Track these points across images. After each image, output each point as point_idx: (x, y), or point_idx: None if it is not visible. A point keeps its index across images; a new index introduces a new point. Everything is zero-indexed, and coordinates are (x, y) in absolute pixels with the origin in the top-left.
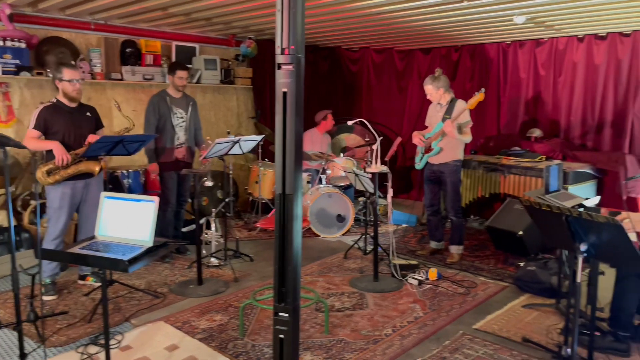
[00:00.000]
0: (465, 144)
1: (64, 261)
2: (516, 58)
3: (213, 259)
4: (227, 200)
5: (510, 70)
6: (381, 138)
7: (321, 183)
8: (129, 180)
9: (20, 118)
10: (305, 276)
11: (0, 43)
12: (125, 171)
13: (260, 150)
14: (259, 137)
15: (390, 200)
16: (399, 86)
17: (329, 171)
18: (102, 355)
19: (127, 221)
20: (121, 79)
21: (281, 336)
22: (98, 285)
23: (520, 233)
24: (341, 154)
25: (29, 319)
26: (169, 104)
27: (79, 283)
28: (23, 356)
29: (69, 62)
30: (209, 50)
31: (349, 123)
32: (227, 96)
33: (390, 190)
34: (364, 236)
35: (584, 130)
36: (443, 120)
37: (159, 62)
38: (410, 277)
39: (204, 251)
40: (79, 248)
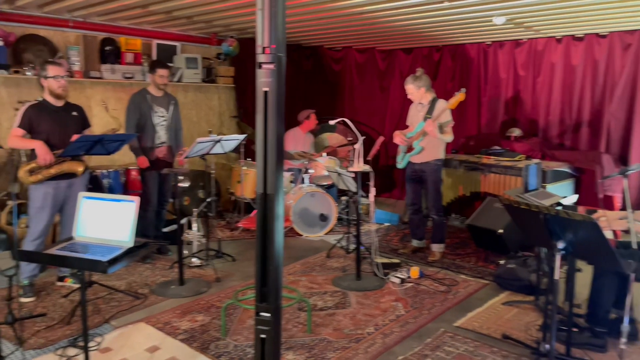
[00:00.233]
0: (447, 143)
1: (42, 262)
2: (496, 58)
3: (195, 259)
4: (209, 200)
5: (491, 71)
6: (363, 137)
7: (304, 182)
8: (109, 180)
9: None
10: (288, 275)
11: None
12: (105, 171)
13: (242, 150)
14: (241, 137)
15: (372, 199)
16: (381, 86)
17: (311, 170)
18: (82, 357)
19: (107, 222)
20: (100, 78)
21: (263, 336)
22: (77, 287)
23: (501, 231)
24: (324, 154)
25: (7, 321)
26: (150, 102)
27: (58, 284)
28: (1, 359)
29: (55, 60)
30: (190, 49)
31: (332, 122)
32: (209, 95)
33: (372, 190)
34: (346, 235)
35: (562, 129)
36: (424, 119)
37: (140, 61)
38: (392, 276)
39: (186, 251)
40: (57, 249)
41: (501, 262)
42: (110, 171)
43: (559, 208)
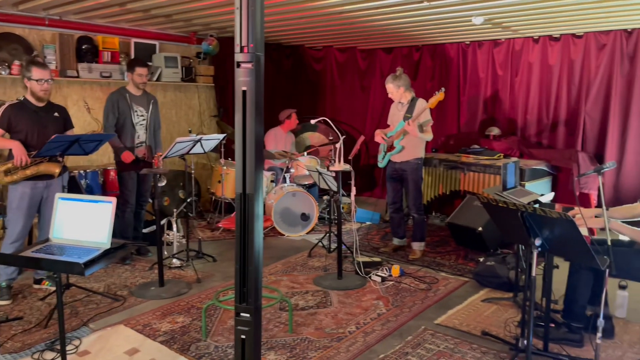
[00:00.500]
0: (427, 142)
1: (17, 265)
2: (475, 58)
3: (175, 260)
4: (189, 200)
5: (470, 70)
6: (344, 137)
7: (285, 182)
8: (87, 180)
9: None
10: (270, 275)
11: None
12: (82, 171)
13: (222, 149)
14: (221, 136)
15: (353, 198)
16: (362, 85)
17: (292, 170)
18: None
19: (84, 223)
20: (77, 77)
21: (243, 337)
22: (54, 290)
23: (480, 229)
24: (305, 153)
25: None
26: (130, 101)
27: (35, 287)
28: None
29: (40, 61)
30: (169, 48)
31: (313, 122)
32: (189, 94)
33: (353, 189)
34: (328, 234)
35: (539, 128)
36: (404, 119)
37: (117, 59)
38: (373, 274)
39: (166, 252)
40: (32, 251)
41: (480, 260)
42: (88, 172)
43: (537, 206)
